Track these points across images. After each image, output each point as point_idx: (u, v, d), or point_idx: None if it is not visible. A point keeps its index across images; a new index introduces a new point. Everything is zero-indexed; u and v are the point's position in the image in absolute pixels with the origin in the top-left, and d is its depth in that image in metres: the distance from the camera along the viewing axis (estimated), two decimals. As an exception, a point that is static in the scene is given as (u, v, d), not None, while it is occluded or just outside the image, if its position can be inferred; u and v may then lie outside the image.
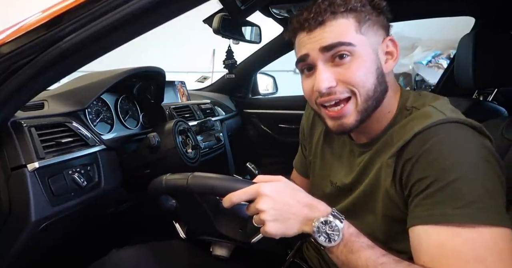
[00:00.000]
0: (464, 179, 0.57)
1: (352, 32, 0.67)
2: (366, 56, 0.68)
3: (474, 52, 1.18)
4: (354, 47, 0.67)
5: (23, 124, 0.85)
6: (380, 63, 0.70)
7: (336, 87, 0.68)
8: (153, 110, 1.43)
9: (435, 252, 0.56)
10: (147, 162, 1.16)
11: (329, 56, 0.68)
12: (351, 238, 0.60)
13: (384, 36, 0.72)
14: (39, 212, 0.80)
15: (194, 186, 0.70)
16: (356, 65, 0.67)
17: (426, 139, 0.61)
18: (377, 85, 0.69)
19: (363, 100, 0.68)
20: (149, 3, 0.61)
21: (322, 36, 0.68)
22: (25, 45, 0.66)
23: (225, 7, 0.77)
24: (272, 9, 1.38)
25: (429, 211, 0.58)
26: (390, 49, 0.72)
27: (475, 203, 0.55)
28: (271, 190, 0.61)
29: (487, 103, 1.41)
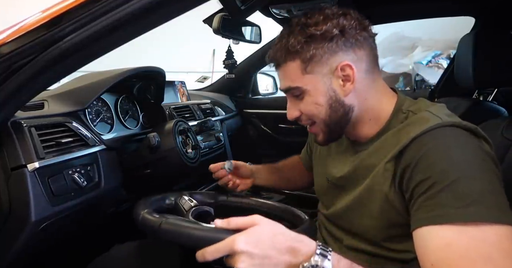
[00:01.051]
0: (464, 179, 0.57)
1: (299, 75, 0.75)
2: (316, 92, 0.75)
3: (474, 52, 1.18)
4: (302, 88, 0.75)
5: (23, 124, 0.85)
6: (334, 91, 0.75)
7: (301, 116, 0.80)
8: (153, 110, 1.43)
9: (441, 253, 0.55)
10: (147, 162, 1.16)
11: (290, 94, 0.79)
12: None
13: (339, 62, 0.73)
14: (39, 212, 0.80)
15: (166, 232, 0.65)
16: (308, 101, 0.76)
17: (423, 143, 0.63)
18: (331, 113, 0.76)
19: (324, 125, 0.78)
20: (149, 3, 0.61)
21: (280, 79, 0.80)
22: (25, 45, 0.66)
23: (225, 7, 0.77)
24: (272, 9, 1.38)
25: (432, 212, 0.58)
26: (346, 72, 0.74)
27: (477, 202, 0.55)
28: (246, 243, 0.55)
29: (487, 103, 1.41)
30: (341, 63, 0.73)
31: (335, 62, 0.73)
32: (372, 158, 0.73)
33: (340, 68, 0.73)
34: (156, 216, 0.70)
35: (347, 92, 0.75)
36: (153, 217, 0.70)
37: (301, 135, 2.10)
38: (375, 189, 0.70)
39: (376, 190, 0.70)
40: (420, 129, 0.65)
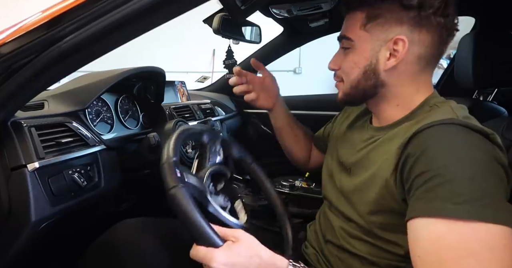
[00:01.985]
0: (465, 177, 0.57)
1: (356, 28, 0.75)
2: (361, 52, 0.75)
3: (474, 52, 1.18)
4: (352, 42, 0.76)
5: (23, 124, 0.85)
6: (377, 60, 0.74)
7: (338, 71, 0.81)
8: (153, 110, 1.43)
9: (430, 245, 0.56)
10: (147, 162, 1.16)
11: (341, 44, 0.80)
12: None
13: (397, 34, 0.71)
14: (39, 212, 0.80)
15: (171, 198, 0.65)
16: (349, 58, 0.77)
17: (432, 135, 0.63)
18: (361, 79, 0.76)
19: (347, 87, 0.80)
20: (149, 3, 0.61)
21: (343, 25, 0.80)
22: (25, 45, 0.66)
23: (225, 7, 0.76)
24: (272, 9, 1.38)
25: (429, 204, 0.58)
26: (397, 47, 0.72)
27: (474, 200, 0.55)
28: (223, 264, 0.59)
29: (487, 103, 1.41)
30: (398, 36, 0.71)
31: (393, 32, 0.72)
32: (386, 145, 0.73)
33: (394, 41, 0.71)
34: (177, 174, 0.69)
35: (387, 66, 0.73)
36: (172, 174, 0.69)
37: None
38: (379, 175, 0.71)
39: (379, 176, 0.70)
40: (436, 119, 0.65)
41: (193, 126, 0.86)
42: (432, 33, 0.71)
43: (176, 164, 0.70)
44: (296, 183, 1.68)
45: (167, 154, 0.72)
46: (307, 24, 1.57)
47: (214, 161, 0.86)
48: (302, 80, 4.92)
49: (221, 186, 0.85)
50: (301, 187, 1.66)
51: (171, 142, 0.74)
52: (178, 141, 0.75)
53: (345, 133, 0.93)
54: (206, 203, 0.73)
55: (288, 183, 1.67)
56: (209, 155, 0.85)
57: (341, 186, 0.84)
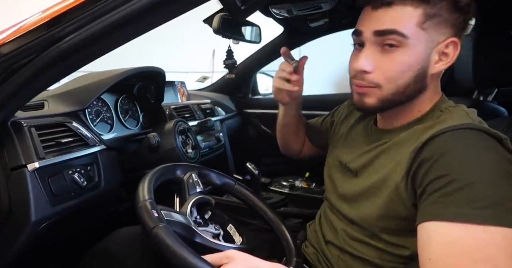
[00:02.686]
0: (484, 182, 0.56)
1: (412, 24, 0.66)
2: (415, 53, 0.67)
3: (474, 52, 1.18)
4: (406, 39, 0.66)
5: (23, 124, 0.85)
6: (429, 63, 0.69)
7: (371, 74, 0.70)
8: (153, 110, 1.43)
9: (443, 249, 0.54)
10: (147, 162, 1.16)
11: (380, 40, 0.68)
12: None
13: (449, 36, 0.68)
14: (39, 212, 0.80)
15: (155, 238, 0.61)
16: (399, 59, 0.67)
17: (449, 140, 0.61)
18: (411, 83, 0.69)
19: (389, 93, 0.70)
20: (149, 3, 0.61)
21: (382, 18, 0.67)
22: (25, 45, 0.66)
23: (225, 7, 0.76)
24: (272, 9, 1.38)
25: (445, 209, 0.56)
26: (448, 50, 0.69)
27: (494, 205, 0.54)
28: None
29: (487, 103, 1.40)
30: (451, 39, 0.68)
31: (446, 34, 0.68)
32: (398, 148, 0.71)
33: (447, 43, 0.68)
34: (154, 214, 0.67)
35: (435, 70, 0.70)
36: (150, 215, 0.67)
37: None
38: (389, 179, 0.69)
39: (390, 179, 0.68)
40: (452, 124, 0.63)
41: (165, 165, 0.86)
42: (463, 33, 0.70)
43: (152, 205, 0.69)
44: (296, 183, 1.68)
45: (142, 195, 0.72)
46: (307, 24, 1.57)
47: (195, 192, 0.85)
48: (302, 80, 4.90)
49: (209, 215, 0.85)
50: (301, 187, 1.66)
51: (145, 184, 0.75)
52: (151, 181, 0.76)
53: (347, 135, 0.91)
54: (193, 235, 0.71)
55: (288, 183, 1.67)
56: (187, 188, 0.85)
57: (344, 189, 0.82)
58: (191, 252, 0.59)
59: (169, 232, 0.61)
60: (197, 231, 0.72)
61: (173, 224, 0.68)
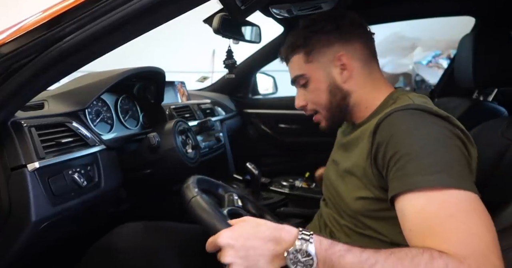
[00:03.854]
0: (428, 151, 0.63)
1: (303, 65, 0.89)
2: (317, 78, 0.88)
3: (474, 52, 1.18)
4: (306, 75, 0.89)
5: (23, 124, 0.85)
6: (333, 78, 0.87)
7: (307, 105, 0.93)
8: (153, 110, 1.43)
9: (416, 218, 0.60)
10: (147, 162, 1.16)
11: (297, 85, 0.93)
12: (327, 253, 0.57)
13: (337, 53, 0.86)
14: (39, 212, 0.80)
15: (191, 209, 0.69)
16: (311, 88, 0.90)
17: (394, 120, 0.70)
18: (331, 97, 0.88)
19: (326, 113, 0.91)
20: (149, 3, 0.61)
21: (289, 72, 0.94)
22: (25, 45, 0.66)
23: (225, 7, 0.76)
24: (272, 9, 1.38)
25: (402, 181, 0.63)
26: (343, 62, 0.86)
27: (441, 170, 0.61)
28: (229, 238, 0.58)
29: (487, 103, 1.41)
30: (338, 54, 0.86)
31: (332, 53, 0.86)
32: (359, 138, 0.82)
33: (338, 58, 0.86)
34: (195, 190, 0.73)
35: (344, 79, 0.87)
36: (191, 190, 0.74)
37: (301, 135, 2.10)
38: (357, 164, 0.77)
39: (358, 165, 0.77)
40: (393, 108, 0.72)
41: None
42: (359, 41, 0.87)
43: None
44: (296, 183, 1.68)
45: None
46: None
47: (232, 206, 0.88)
48: (302, 80, 4.90)
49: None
50: (301, 187, 1.66)
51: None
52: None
53: (338, 143, 1.01)
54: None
55: (288, 183, 1.68)
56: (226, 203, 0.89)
57: (330, 179, 0.93)
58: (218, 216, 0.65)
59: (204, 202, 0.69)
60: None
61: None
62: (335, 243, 0.58)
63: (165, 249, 0.91)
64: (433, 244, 0.55)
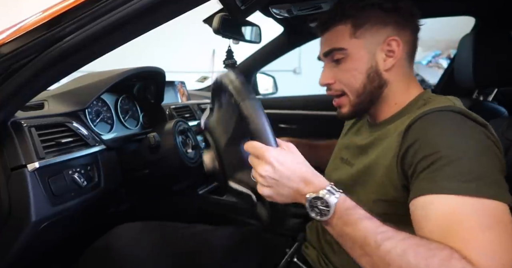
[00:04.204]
0: (469, 157, 0.60)
1: (346, 37, 0.78)
2: (358, 58, 0.78)
3: (474, 52, 1.18)
4: (346, 51, 0.78)
5: (23, 124, 0.85)
6: (376, 62, 0.78)
7: (334, 84, 0.82)
8: (153, 110, 1.43)
9: (442, 220, 0.57)
10: (147, 162, 1.16)
11: (330, 58, 0.81)
12: (347, 212, 0.59)
13: (387, 36, 0.77)
14: (39, 212, 0.80)
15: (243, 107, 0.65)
16: (347, 67, 0.79)
17: (432, 120, 0.65)
18: (366, 83, 0.78)
19: (355, 97, 0.80)
20: (149, 3, 0.61)
21: (324, 42, 0.82)
22: (25, 45, 0.66)
23: (225, 7, 0.76)
24: (272, 9, 1.38)
25: (437, 182, 0.59)
26: (392, 48, 0.77)
27: (480, 179, 0.58)
28: (275, 158, 0.62)
29: (487, 103, 1.40)
30: (390, 37, 0.77)
31: (384, 35, 0.77)
32: (385, 138, 0.75)
33: (388, 42, 0.77)
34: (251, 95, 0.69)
35: (387, 66, 0.78)
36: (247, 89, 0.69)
37: (301, 135, 2.10)
38: (379, 163, 0.72)
39: (379, 163, 0.72)
40: (431, 108, 0.68)
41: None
42: (411, 31, 0.80)
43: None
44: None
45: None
46: (307, 24, 1.57)
47: None
48: (302, 80, 4.91)
49: None
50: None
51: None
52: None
53: (346, 139, 0.95)
54: None
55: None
56: None
57: (340, 179, 0.84)
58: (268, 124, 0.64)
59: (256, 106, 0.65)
60: None
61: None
62: (359, 207, 0.60)
63: (164, 249, 0.91)
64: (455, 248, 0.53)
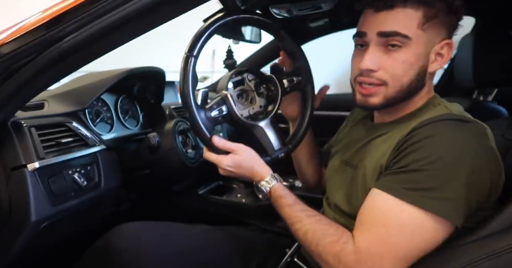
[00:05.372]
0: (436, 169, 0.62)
1: (414, 26, 0.69)
2: (416, 52, 0.71)
3: (474, 52, 1.18)
4: (409, 40, 0.70)
5: (23, 124, 0.85)
6: (428, 62, 0.73)
7: (377, 72, 0.73)
8: (153, 110, 1.43)
9: (370, 211, 0.67)
10: (147, 162, 1.16)
11: (383, 41, 0.71)
12: (276, 199, 0.78)
13: (444, 37, 0.72)
14: (39, 212, 0.80)
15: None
16: (402, 58, 0.71)
17: (423, 132, 0.66)
18: (413, 81, 0.72)
19: (394, 91, 0.73)
20: (149, 3, 0.61)
21: (384, 21, 0.70)
22: (25, 45, 0.66)
23: (225, 7, 0.77)
24: (272, 9, 1.38)
25: (390, 182, 0.66)
26: (443, 51, 0.73)
27: (428, 191, 0.62)
28: (228, 165, 0.80)
29: (487, 103, 1.40)
30: (446, 40, 0.72)
31: (442, 35, 0.72)
32: (389, 140, 0.74)
33: (443, 44, 0.72)
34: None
35: (432, 69, 0.74)
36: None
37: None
38: (378, 166, 0.73)
39: (378, 167, 0.73)
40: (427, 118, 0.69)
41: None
42: (453, 34, 0.75)
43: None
44: (296, 183, 1.68)
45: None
46: (307, 24, 1.57)
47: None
48: (302, 80, 4.89)
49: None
50: (301, 187, 1.66)
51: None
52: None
53: (349, 134, 0.93)
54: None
55: (288, 183, 1.67)
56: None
57: (341, 182, 0.84)
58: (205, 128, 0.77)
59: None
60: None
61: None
62: (284, 197, 0.78)
63: (164, 249, 0.91)
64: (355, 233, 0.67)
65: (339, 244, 0.67)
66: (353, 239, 0.66)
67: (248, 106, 0.88)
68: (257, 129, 0.85)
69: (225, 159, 0.80)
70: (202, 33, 0.77)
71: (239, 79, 0.86)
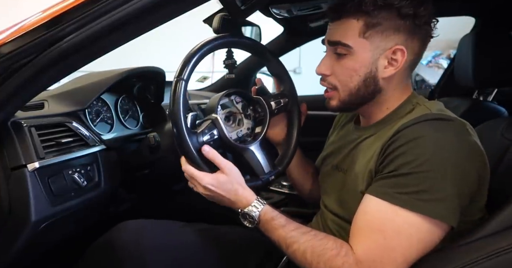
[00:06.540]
0: (425, 171, 0.64)
1: (355, 35, 0.73)
2: (360, 60, 0.74)
3: (474, 52, 1.18)
4: (351, 49, 0.74)
5: (23, 124, 0.85)
6: (377, 68, 0.75)
7: (329, 77, 0.79)
8: (153, 110, 1.43)
9: (365, 217, 0.68)
10: (147, 162, 1.16)
11: (333, 49, 0.77)
12: (267, 222, 0.75)
13: (397, 42, 0.73)
14: (39, 212, 0.80)
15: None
16: (347, 65, 0.76)
17: (407, 134, 0.68)
18: (361, 87, 0.76)
19: (345, 95, 0.78)
20: (149, 3, 0.61)
21: (333, 30, 0.77)
22: (25, 45, 0.66)
23: (225, 7, 0.77)
24: (272, 9, 1.38)
25: (381, 187, 0.68)
26: (395, 57, 0.74)
27: (420, 194, 0.63)
28: (210, 184, 0.75)
29: (487, 103, 1.41)
30: (397, 46, 0.73)
31: (392, 41, 0.73)
32: (372, 143, 0.77)
33: (394, 50, 0.73)
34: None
35: (386, 74, 0.75)
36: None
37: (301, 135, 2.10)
38: (366, 171, 0.74)
39: (366, 172, 0.74)
40: (409, 119, 0.70)
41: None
42: (422, 41, 0.76)
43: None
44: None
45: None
46: (307, 24, 1.57)
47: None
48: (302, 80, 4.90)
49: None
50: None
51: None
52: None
53: (337, 139, 0.94)
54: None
55: (288, 183, 1.67)
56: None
57: (333, 187, 0.86)
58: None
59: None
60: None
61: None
62: (277, 217, 0.74)
63: (165, 244, 0.91)
64: (352, 243, 0.68)
65: (340, 257, 0.66)
66: (352, 250, 0.67)
67: (236, 128, 0.88)
68: (247, 152, 0.84)
69: (208, 176, 0.75)
70: (191, 57, 0.79)
71: (226, 101, 0.87)
